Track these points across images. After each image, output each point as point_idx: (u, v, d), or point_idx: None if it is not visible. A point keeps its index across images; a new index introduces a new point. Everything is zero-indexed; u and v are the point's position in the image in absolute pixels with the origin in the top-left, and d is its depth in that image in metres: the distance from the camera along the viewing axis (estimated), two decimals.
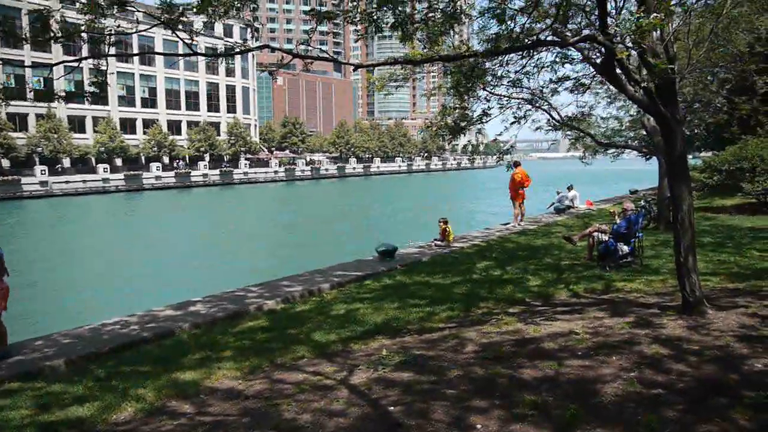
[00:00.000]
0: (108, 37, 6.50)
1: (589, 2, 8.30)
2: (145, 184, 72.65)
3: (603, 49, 6.32)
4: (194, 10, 6.66)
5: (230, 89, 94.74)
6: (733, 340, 5.67)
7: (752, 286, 8.22)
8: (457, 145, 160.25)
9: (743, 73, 16.11)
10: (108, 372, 6.46)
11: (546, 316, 7.39)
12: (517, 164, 17.54)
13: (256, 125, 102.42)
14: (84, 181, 67.18)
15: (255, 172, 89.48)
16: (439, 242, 14.98)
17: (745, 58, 15.25)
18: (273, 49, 7.37)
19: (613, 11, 8.16)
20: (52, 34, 6.33)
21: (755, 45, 14.17)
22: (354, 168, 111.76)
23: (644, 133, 18.43)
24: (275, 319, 8.52)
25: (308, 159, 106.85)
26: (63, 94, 7.37)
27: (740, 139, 20.86)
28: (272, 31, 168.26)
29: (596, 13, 6.41)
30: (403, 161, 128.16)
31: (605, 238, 11.21)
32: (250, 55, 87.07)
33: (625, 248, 10.86)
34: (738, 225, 15.49)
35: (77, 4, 6.46)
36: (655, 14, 5.49)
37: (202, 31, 7.24)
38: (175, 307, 9.43)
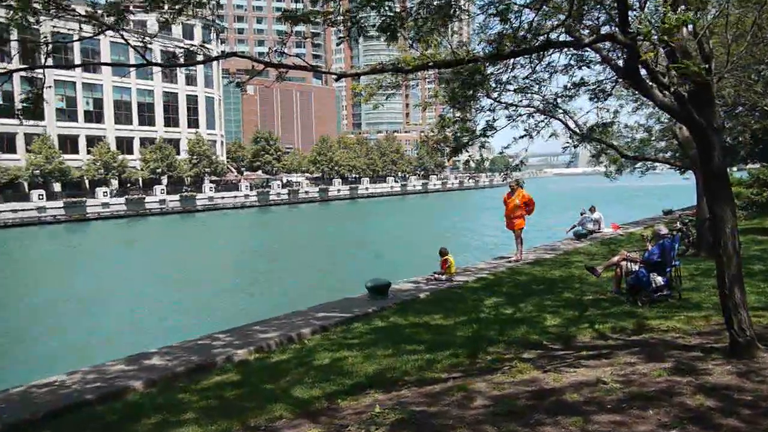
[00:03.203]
0: (45, 45, 6.52)
1: None
2: (89, 213, 72.24)
3: (625, 50, 6.42)
4: (147, 5, 6.71)
5: (191, 100, 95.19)
6: None
7: None
8: (458, 161, 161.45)
9: None
10: None
11: (568, 362, 7.36)
12: (517, 185, 17.41)
13: (222, 142, 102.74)
14: (14, 211, 66.59)
15: (222, 197, 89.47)
16: (439, 275, 14.97)
17: None
18: (242, 56, 7.44)
19: (636, 3, 8.31)
20: None
21: None
22: (338, 190, 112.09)
23: (677, 143, 18.62)
24: (247, 372, 8.43)
25: (285, 180, 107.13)
26: None
27: None
28: (240, 32, 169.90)
29: (616, 6, 6.53)
30: (396, 181, 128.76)
31: (635, 267, 11.24)
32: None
33: (660, 279, 10.88)
34: None
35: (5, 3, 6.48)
36: (684, 7, 5.61)
37: (156, 33, 7.29)
38: (126, 360, 9.31)
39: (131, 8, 6.74)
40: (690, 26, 6.93)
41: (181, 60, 7.38)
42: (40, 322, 21.43)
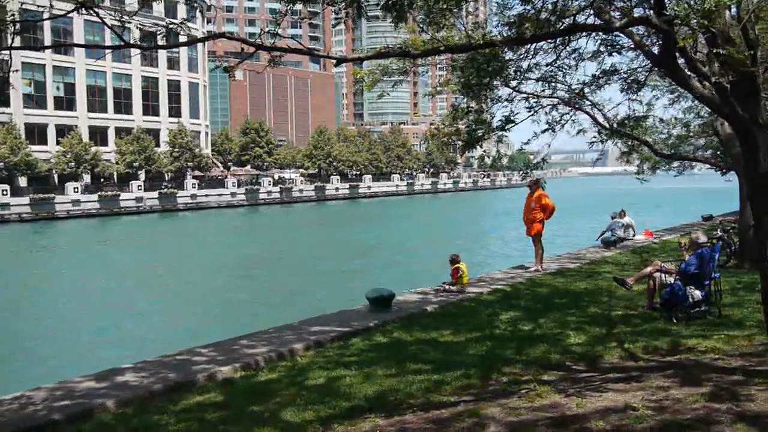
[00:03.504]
0: (12, 24, 6.55)
1: None
2: (58, 211, 72.52)
3: (660, 35, 6.43)
4: None
5: (173, 85, 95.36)
6: None
7: None
8: (472, 157, 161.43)
9: None
10: None
11: (593, 386, 7.36)
12: (538, 184, 17.28)
13: (207, 133, 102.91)
14: None
15: (206, 195, 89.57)
16: (449, 286, 14.96)
17: None
18: (230, 38, 7.46)
19: None
20: None
21: None
22: (337, 189, 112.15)
23: (718, 140, 18.61)
24: (232, 393, 8.44)
25: (277, 177, 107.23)
26: None
27: None
28: (229, 10, 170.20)
29: None
30: (401, 179, 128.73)
31: (670, 279, 11.22)
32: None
33: (697, 293, 10.86)
34: None
35: None
36: None
37: (135, 11, 7.31)
38: (96, 377, 9.32)
39: None
40: (733, 9, 6.93)
41: (162, 41, 7.41)
42: (5, 329, 21.48)
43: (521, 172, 13.77)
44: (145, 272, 35.37)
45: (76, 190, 75.96)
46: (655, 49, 7.42)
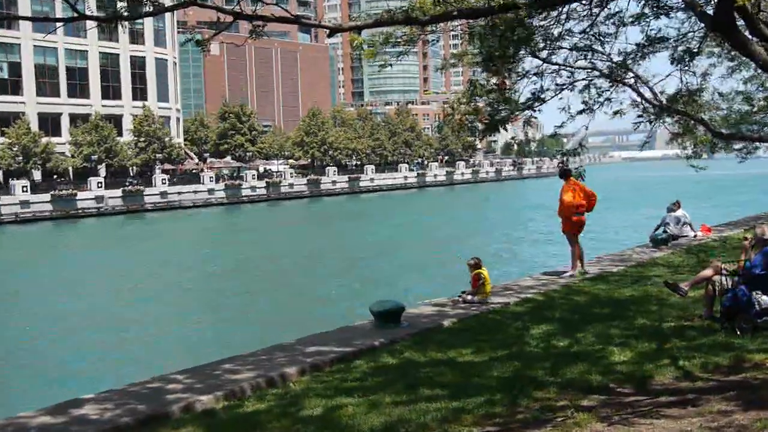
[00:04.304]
0: None
1: None
2: (4, 215, 72.47)
3: None
4: None
5: (137, 63, 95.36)
6: None
7: None
8: (495, 142, 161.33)
9: None
10: None
11: (642, 411, 7.36)
12: (567, 174, 17.07)
13: (179, 118, 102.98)
14: None
15: (179, 192, 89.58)
16: (469, 296, 14.94)
17: None
18: (203, 6, 7.48)
19: None
20: None
21: None
22: (334, 182, 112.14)
23: None
24: (213, 426, 8.46)
25: (262, 169, 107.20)
26: None
27: None
28: None
29: None
30: (411, 169, 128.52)
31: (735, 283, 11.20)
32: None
33: (765, 299, 10.84)
34: None
35: None
36: None
37: None
38: (52, 410, 9.33)
39: None
40: None
41: (124, 12, 7.43)
42: None
43: (555, 159, 13.73)
44: (108, 284, 35.40)
45: (24, 189, 75.69)
46: (709, 10, 7.40)
